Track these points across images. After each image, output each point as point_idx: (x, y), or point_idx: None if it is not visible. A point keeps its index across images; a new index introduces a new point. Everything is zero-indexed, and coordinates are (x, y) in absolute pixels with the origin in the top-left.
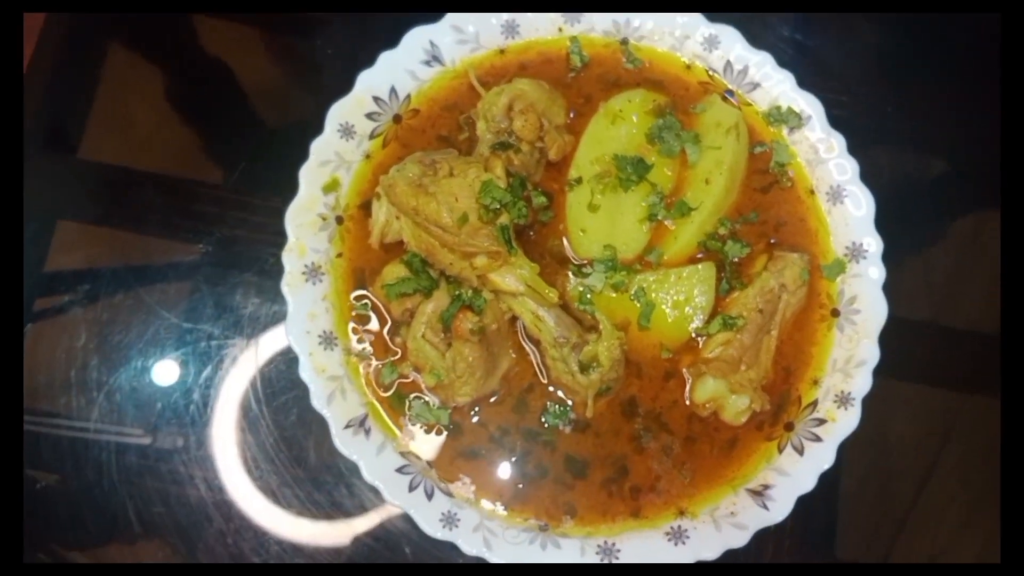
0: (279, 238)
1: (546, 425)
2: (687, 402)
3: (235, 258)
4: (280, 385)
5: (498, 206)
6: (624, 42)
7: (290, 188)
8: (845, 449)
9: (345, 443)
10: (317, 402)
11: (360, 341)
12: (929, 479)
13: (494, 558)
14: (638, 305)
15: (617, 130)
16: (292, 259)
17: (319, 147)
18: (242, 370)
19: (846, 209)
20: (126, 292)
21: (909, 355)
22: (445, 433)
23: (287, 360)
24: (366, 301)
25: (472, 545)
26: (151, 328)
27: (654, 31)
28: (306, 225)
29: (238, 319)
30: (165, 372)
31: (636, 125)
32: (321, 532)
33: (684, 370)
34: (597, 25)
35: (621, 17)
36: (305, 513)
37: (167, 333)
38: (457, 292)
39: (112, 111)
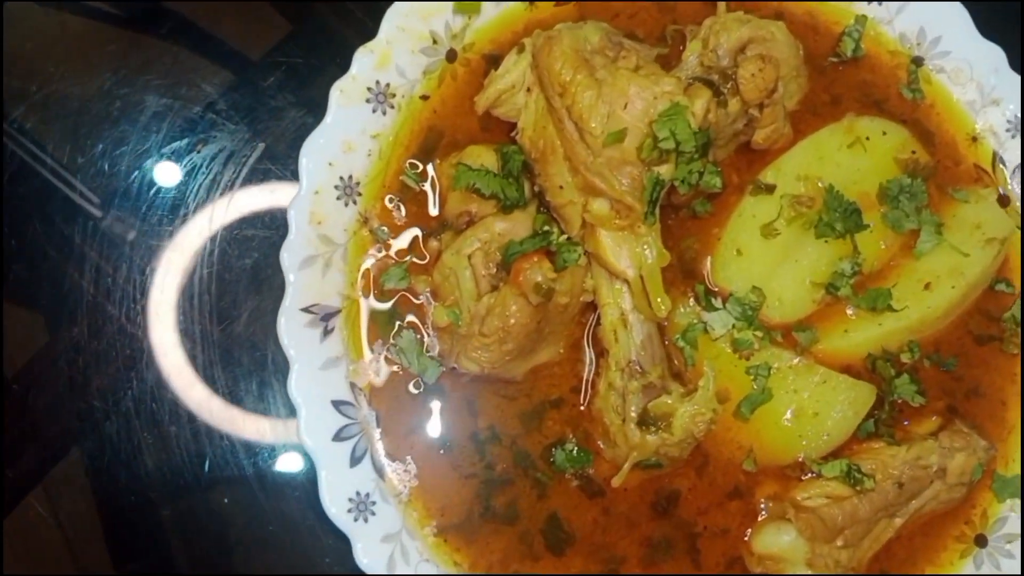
0: (357, 38)
1: (551, 461)
2: (745, 538)
3: (308, 41)
4: (253, 212)
5: (672, 147)
6: (917, 62)
7: None
8: None
9: (290, 329)
10: (289, 256)
11: (385, 218)
12: None
13: None
14: (752, 385)
15: (850, 157)
16: (366, 63)
17: None
18: (221, 165)
19: None
20: None
21: None
22: (419, 392)
23: (279, 191)
24: (421, 172)
25: (370, 555)
26: (162, 54)
27: (959, 70)
28: (408, 32)
29: (255, 106)
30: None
31: (874, 166)
32: (203, 411)
33: (762, 499)
34: (898, 23)
35: (933, 31)
36: (200, 377)
37: (169, 60)
38: (545, 228)
39: None
